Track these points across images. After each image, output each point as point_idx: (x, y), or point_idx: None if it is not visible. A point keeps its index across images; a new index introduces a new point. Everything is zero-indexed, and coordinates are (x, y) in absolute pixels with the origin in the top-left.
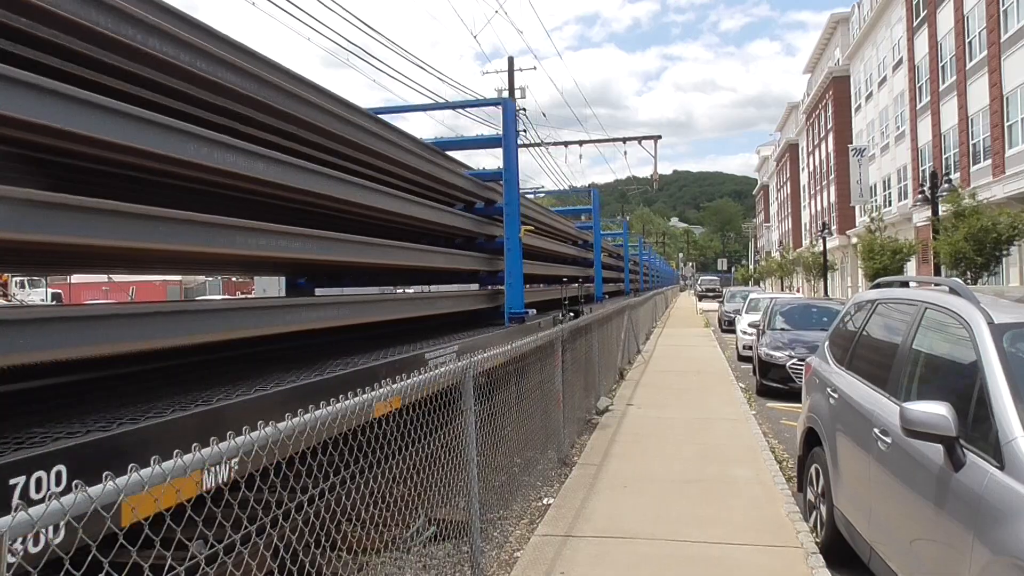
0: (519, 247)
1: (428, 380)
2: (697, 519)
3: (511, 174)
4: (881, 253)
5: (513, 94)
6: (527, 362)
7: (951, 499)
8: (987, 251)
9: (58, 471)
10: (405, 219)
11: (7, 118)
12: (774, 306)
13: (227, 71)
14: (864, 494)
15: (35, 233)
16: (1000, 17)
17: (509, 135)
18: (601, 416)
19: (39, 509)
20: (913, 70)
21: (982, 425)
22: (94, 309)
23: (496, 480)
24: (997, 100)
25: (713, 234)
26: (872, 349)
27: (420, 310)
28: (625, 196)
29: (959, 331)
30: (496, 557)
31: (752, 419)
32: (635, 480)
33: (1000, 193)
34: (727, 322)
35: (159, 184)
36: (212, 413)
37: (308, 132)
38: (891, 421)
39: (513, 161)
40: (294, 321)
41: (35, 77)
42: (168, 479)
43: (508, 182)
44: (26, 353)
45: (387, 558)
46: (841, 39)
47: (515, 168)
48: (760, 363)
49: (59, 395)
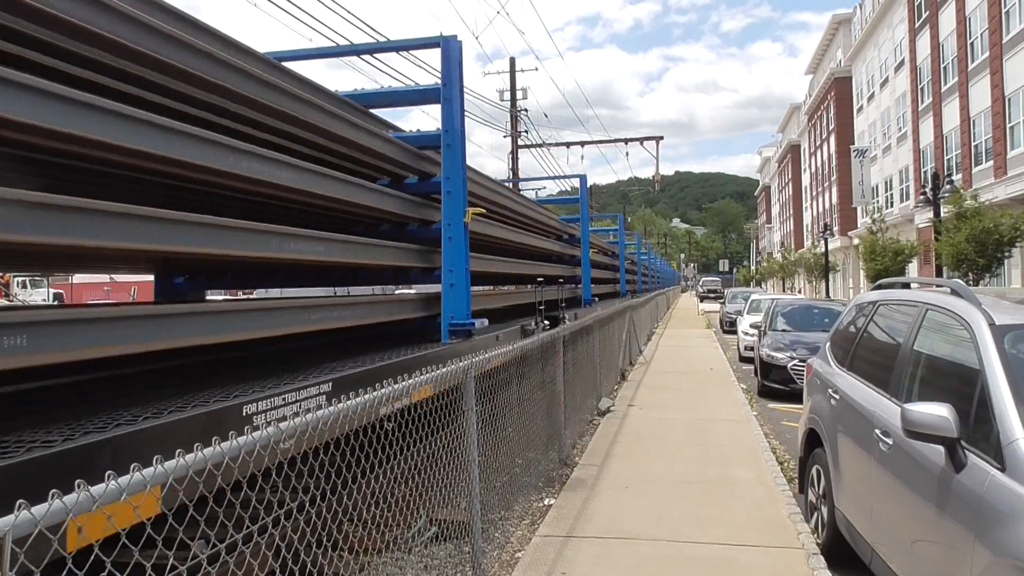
0: (464, 236)
1: (428, 381)
2: (698, 520)
3: (454, 137)
4: (883, 254)
5: (515, 95)
6: (528, 363)
7: (952, 500)
8: (989, 252)
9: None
10: (305, 197)
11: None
12: (775, 307)
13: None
14: (865, 495)
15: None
16: (1002, 18)
17: (452, 84)
18: (603, 417)
19: (42, 508)
20: (915, 71)
21: (983, 426)
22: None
23: (497, 481)
24: (999, 101)
25: (715, 235)
26: (873, 350)
27: (296, 324)
28: (627, 197)
29: (960, 332)
30: (497, 557)
31: (753, 420)
32: (636, 481)
33: (1002, 194)
34: (728, 323)
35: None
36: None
37: (129, 62)
38: (892, 422)
39: (457, 120)
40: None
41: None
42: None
43: (450, 148)
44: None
45: (388, 558)
46: (843, 40)
47: (460, 129)
48: (761, 364)
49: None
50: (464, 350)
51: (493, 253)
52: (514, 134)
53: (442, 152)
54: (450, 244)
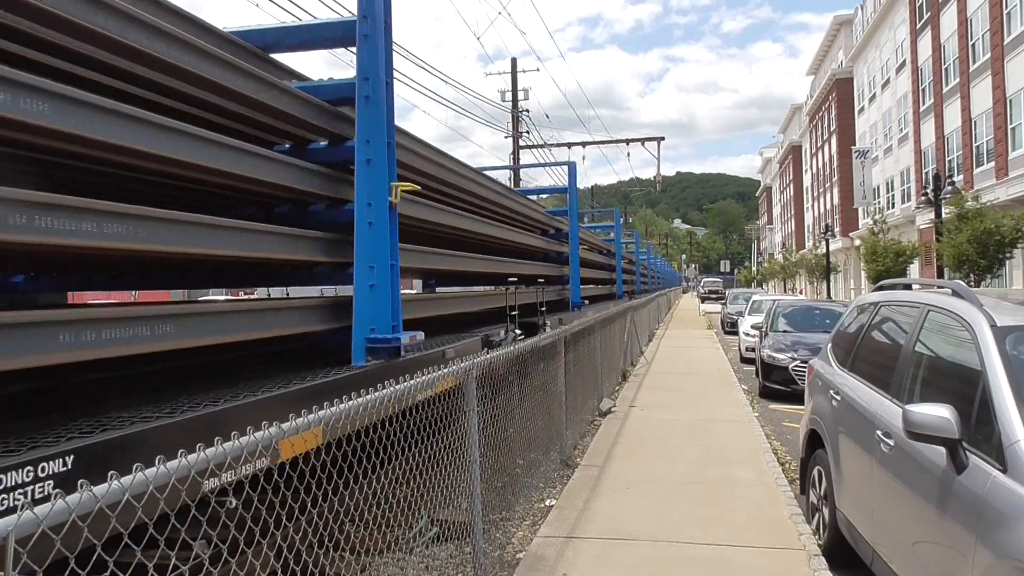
0: (390, 220)
1: (431, 381)
2: (699, 521)
3: (376, 88)
4: (884, 255)
5: (516, 95)
6: (530, 363)
7: (953, 501)
8: (990, 253)
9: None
10: (154, 164)
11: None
12: (777, 308)
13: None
14: (866, 496)
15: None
16: (1003, 20)
17: (374, 17)
18: (604, 417)
19: (44, 508)
20: (916, 72)
21: (985, 428)
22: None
23: (498, 481)
24: (1000, 103)
25: (716, 236)
26: (875, 351)
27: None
28: (628, 197)
29: (962, 333)
30: (498, 558)
31: (754, 421)
32: (637, 481)
33: (1003, 195)
34: (730, 324)
35: None
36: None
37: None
38: (894, 423)
39: (381, 65)
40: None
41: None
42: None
43: (370, 101)
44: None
45: (389, 559)
46: (844, 41)
47: (385, 78)
48: (763, 365)
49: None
50: (381, 375)
51: (437, 244)
52: (515, 135)
53: (357, 107)
54: (370, 231)
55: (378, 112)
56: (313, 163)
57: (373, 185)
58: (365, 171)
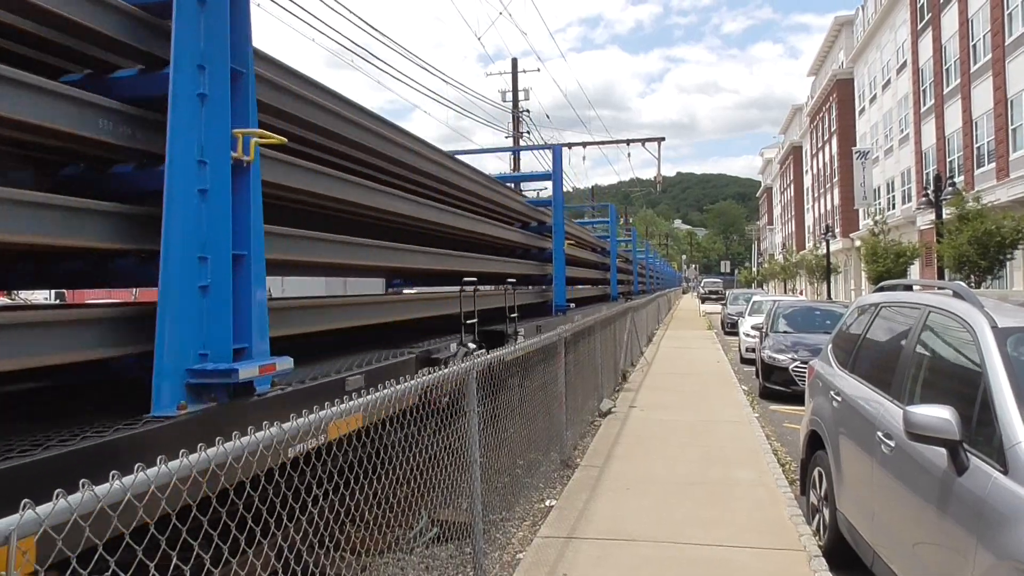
0: (231, 184)
1: (431, 381)
2: (700, 521)
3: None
4: (884, 256)
5: (517, 95)
6: (530, 364)
7: (954, 503)
8: (991, 255)
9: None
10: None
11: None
12: (777, 309)
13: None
14: (867, 497)
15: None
16: (1004, 20)
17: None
18: (604, 418)
19: (46, 508)
20: (917, 73)
21: (986, 429)
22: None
23: (499, 481)
24: (1001, 103)
25: (716, 236)
26: (875, 352)
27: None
28: (629, 198)
29: (962, 335)
30: (498, 558)
31: (755, 422)
32: (638, 482)
33: (1004, 196)
34: (730, 325)
35: None
36: None
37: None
38: (894, 424)
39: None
40: None
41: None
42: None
43: (203, 6)
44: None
45: (390, 559)
46: (845, 42)
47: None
48: (763, 366)
49: None
50: (202, 432)
51: (345, 229)
52: (516, 135)
53: (180, 12)
54: (202, 203)
55: (219, 20)
56: (118, 100)
57: (209, 134)
58: (196, 112)
